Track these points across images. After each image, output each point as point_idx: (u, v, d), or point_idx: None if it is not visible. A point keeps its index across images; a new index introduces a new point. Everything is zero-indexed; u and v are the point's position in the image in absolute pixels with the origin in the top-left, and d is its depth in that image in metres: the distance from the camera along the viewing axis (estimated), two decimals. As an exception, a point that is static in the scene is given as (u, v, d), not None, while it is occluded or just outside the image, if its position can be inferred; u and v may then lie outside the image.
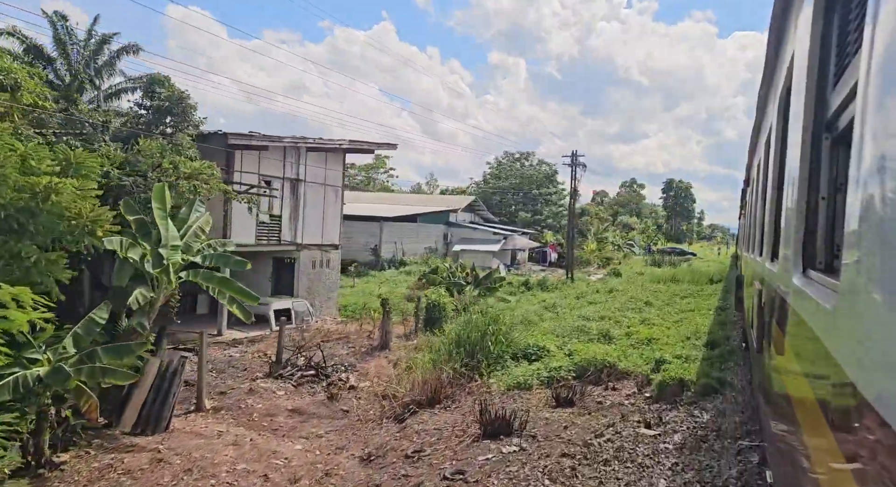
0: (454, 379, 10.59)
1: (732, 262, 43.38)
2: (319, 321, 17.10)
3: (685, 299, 23.74)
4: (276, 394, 9.93)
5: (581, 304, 22.73)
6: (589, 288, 29.42)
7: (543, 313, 21.53)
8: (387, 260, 33.20)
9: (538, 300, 25.95)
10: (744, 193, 14.08)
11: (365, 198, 44.09)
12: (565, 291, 28.85)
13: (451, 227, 42.16)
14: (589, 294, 27.48)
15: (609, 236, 55.18)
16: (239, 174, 14.72)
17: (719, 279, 33.11)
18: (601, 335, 13.82)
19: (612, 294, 26.95)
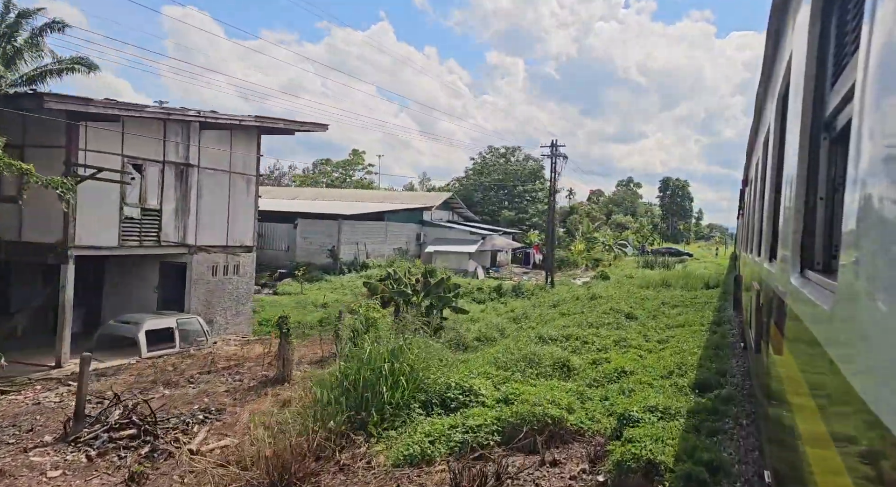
0: (326, 443, 7.26)
1: (731, 264, 40.35)
2: (221, 342, 13.83)
3: (675, 309, 20.46)
4: (47, 477, 6.56)
5: (553, 316, 19.43)
6: (569, 295, 26.13)
7: (507, 327, 18.23)
8: (347, 263, 29.87)
9: (507, 309, 22.63)
10: (742, 193, 13.84)
11: (328, 196, 40.77)
12: (541, 298, 25.55)
13: (425, 227, 38.85)
14: (567, 301, 24.20)
15: (599, 236, 51.93)
16: (86, 154, 11.31)
17: (716, 284, 29.83)
18: (558, 366, 10.51)
19: (593, 302, 23.66)
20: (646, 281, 30.86)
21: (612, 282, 32.93)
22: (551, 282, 30.25)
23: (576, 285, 33.38)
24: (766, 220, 4.41)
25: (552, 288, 29.41)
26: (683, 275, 33.04)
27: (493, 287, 27.05)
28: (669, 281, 29.26)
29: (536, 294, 27.16)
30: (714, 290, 27.30)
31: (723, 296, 24.11)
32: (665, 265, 44.53)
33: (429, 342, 10.12)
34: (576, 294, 27.10)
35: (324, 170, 57.57)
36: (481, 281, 30.95)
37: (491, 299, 25.61)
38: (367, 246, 32.31)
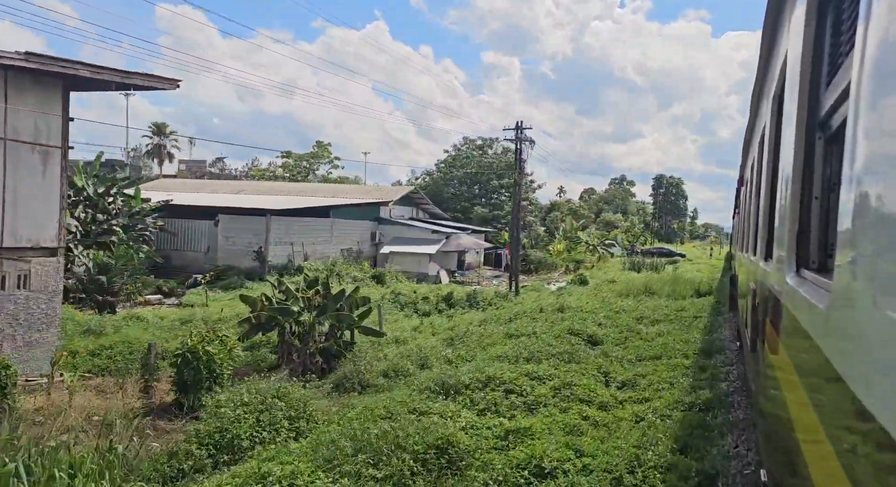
0: None
1: (727, 265, 36.38)
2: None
3: (655, 327, 16.24)
4: None
5: (497, 338, 15.11)
6: (534, 305, 21.82)
7: (436, 353, 13.90)
8: (278, 267, 25.48)
9: (450, 326, 18.30)
10: (738, 193, 13.78)
11: (263, 189, 36.32)
12: (499, 311, 21.23)
13: (382, 225, 34.49)
14: (528, 315, 19.91)
15: (582, 235, 47.67)
16: None
17: (708, 290, 25.61)
18: (435, 453, 6.18)
19: (558, 316, 19.38)
20: (628, 287, 26.60)
21: (590, 288, 28.65)
22: (516, 289, 25.92)
23: (548, 291, 29.11)
24: (761, 219, 4.41)
25: (516, 297, 25.09)
26: (671, 280, 28.79)
27: (442, 295, 22.70)
28: (654, 288, 25.02)
29: (495, 304, 22.84)
30: (706, 299, 23.09)
31: (716, 308, 19.83)
32: (654, 267, 40.30)
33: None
34: (542, 304, 22.79)
35: (286, 164, 53.11)
36: (437, 288, 26.62)
37: (438, 311, 21.29)
38: (307, 247, 27.90)
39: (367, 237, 33.44)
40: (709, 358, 11.54)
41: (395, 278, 28.18)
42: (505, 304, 22.91)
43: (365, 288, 25.10)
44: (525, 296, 26.27)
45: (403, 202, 37.51)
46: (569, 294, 27.23)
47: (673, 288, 25.74)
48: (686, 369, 10.67)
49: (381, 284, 26.68)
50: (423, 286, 27.53)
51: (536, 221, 47.85)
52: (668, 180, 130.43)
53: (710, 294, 24.70)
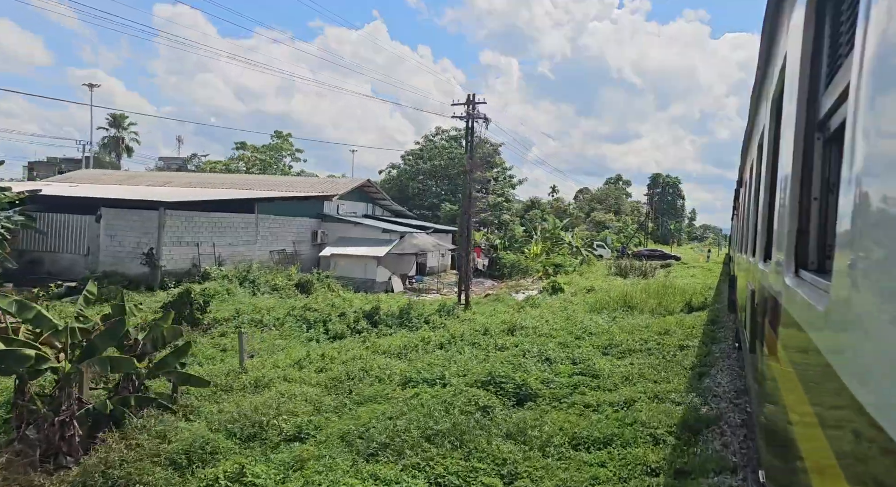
0: None
1: (725, 269, 31.95)
2: None
3: (623, 362, 11.78)
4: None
5: (392, 387, 10.40)
6: (480, 325, 17.16)
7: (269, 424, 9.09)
8: (179, 273, 20.76)
9: (348, 358, 13.57)
10: (737, 194, 13.73)
11: (194, 181, 31.51)
12: (433, 334, 16.52)
13: (326, 222, 29.77)
14: (465, 340, 15.30)
15: (565, 236, 42.97)
16: None
17: (702, 304, 20.96)
18: None
19: (502, 341, 14.77)
20: (605, 298, 21.95)
21: (560, 300, 23.99)
22: (465, 302, 21.20)
23: (510, 302, 24.45)
24: (760, 221, 4.44)
25: (465, 311, 20.37)
26: (659, 289, 24.16)
27: (365, 311, 17.96)
28: (635, 300, 20.34)
29: (434, 322, 18.12)
30: (700, 315, 18.49)
31: (711, 331, 15.17)
32: (642, 272, 35.66)
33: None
34: (493, 321, 18.14)
35: (242, 156, 48.24)
36: (374, 300, 21.94)
37: (356, 332, 16.58)
38: (221, 249, 23.17)
39: (306, 236, 28.71)
40: (693, 443, 6.87)
41: (329, 287, 23.46)
42: (447, 322, 18.21)
43: (277, 299, 20.44)
44: (480, 309, 21.59)
45: (356, 197, 32.76)
46: (532, 307, 22.60)
47: (659, 300, 21.11)
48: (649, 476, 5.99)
49: (306, 294, 21.99)
50: (359, 296, 22.82)
51: (514, 220, 43.19)
52: (665, 179, 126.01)
53: (705, 308, 20.10)
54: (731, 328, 14.11)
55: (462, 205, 21.32)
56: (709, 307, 20.20)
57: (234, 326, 15.93)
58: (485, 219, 39.34)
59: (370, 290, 27.57)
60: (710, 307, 20.25)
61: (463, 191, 42.92)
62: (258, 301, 19.61)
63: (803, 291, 1.98)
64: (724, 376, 10.07)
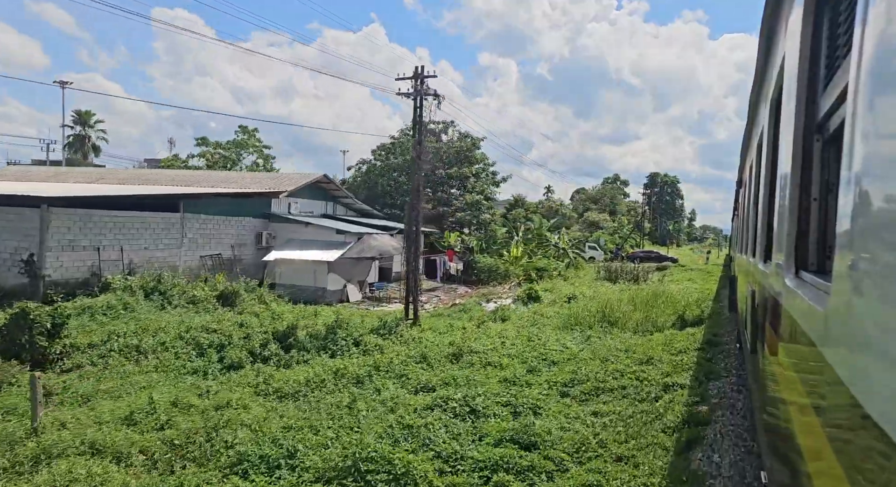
0: None
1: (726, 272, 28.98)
2: None
3: (586, 410, 8.44)
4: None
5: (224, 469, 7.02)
6: (418, 351, 13.77)
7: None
8: (73, 283, 17.35)
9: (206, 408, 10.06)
10: (737, 194, 13.78)
11: (112, 177, 28.03)
12: (362, 361, 13.13)
13: (274, 222, 26.34)
14: (393, 371, 11.96)
15: (551, 237, 39.52)
16: None
17: (697, 318, 17.55)
18: None
19: (439, 372, 11.49)
20: (583, 311, 18.54)
21: (530, 312, 20.59)
22: (414, 316, 17.75)
23: (476, 313, 21.05)
24: (760, 222, 4.44)
25: (413, 327, 16.93)
26: (648, 298, 20.76)
27: (278, 332, 14.51)
28: (616, 314, 16.91)
29: (367, 343, 14.69)
30: (694, 332, 15.11)
31: (707, 365, 11.73)
32: (634, 277, 32.24)
33: None
34: (441, 343, 14.77)
35: (203, 153, 44.65)
36: (312, 313, 18.53)
37: (261, 360, 13.16)
38: (134, 254, 19.73)
39: (249, 239, 25.28)
40: None
41: (260, 298, 20.02)
42: (384, 344, 14.79)
43: (190, 314, 16.97)
44: (434, 324, 18.16)
45: (314, 194, 29.31)
46: (499, 320, 19.21)
47: (647, 312, 17.70)
48: None
49: (230, 307, 18.56)
50: (298, 309, 19.39)
51: (495, 220, 39.66)
52: (663, 178, 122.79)
53: (701, 323, 16.70)
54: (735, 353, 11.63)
55: (410, 200, 17.91)
56: (706, 321, 16.78)
57: (99, 355, 12.51)
58: (462, 218, 35.83)
59: (321, 300, 24.17)
60: (708, 321, 16.83)
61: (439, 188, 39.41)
62: (163, 318, 16.17)
63: (803, 292, 1.99)
64: (729, 452, 6.61)
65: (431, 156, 37.79)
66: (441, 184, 37.50)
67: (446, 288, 30.37)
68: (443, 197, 36.84)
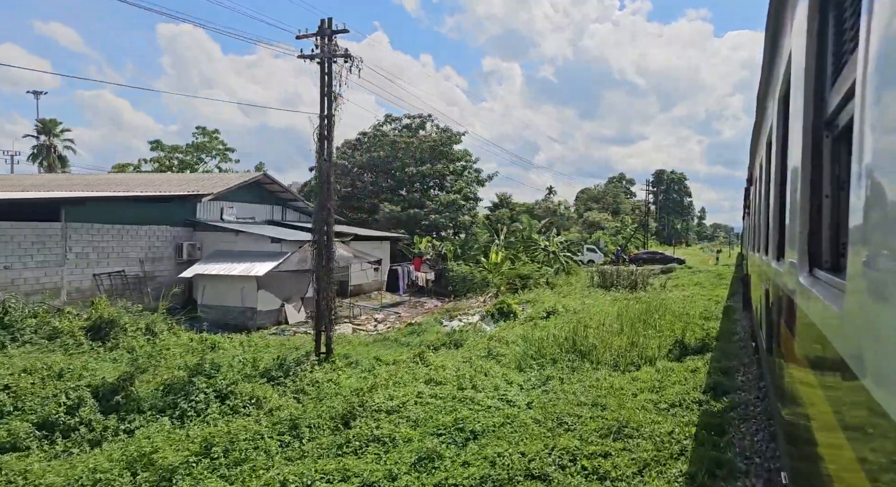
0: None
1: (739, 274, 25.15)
2: None
3: None
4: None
5: None
6: (294, 413, 9.60)
7: None
8: None
9: None
10: (747, 192, 13.54)
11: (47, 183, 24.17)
12: (205, 432, 8.99)
13: (199, 231, 22.33)
14: (231, 456, 7.74)
15: (541, 239, 35.23)
16: None
17: (701, 343, 13.25)
18: None
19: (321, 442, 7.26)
20: (558, 335, 14.30)
21: (495, 334, 16.34)
22: (326, 351, 13.52)
23: (429, 337, 16.90)
24: (772, 219, 4.39)
25: (322, 364, 12.73)
26: (641, 313, 16.49)
27: (112, 385, 10.38)
28: (589, 344, 12.63)
29: (242, 394, 10.54)
30: (697, 367, 10.85)
31: (713, 438, 7.44)
32: (632, 283, 27.90)
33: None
34: (343, 392, 10.64)
35: (158, 159, 40.70)
36: (210, 347, 14.48)
37: (68, 431, 9.03)
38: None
39: (167, 252, 21.26)
40: None
41: (147, 328, 15.90)
42: (265, 396, 10.66)
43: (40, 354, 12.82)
44: (363, 356, 13.98)
45: (256, 197, 25.25)
46: (450, 346, 15.08)
47: (634, 336, 13.42)
48: None
49: (102, 342, 14.50)
50: (200, 340, 15.30)
51: (476, 222, 35.35)
52: (670, 176, 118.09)
53: (706, 351, 12.42)
54: None
55: (318, 195, 13.79)
56: (713, 347, 12.46)
57: None
58: (436, 221, 31.64)
59: (250, 324, 20.13)
60: (717, 346, 12.53)
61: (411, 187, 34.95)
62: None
63: (818, 290, 1.97)
64: None
65: (402, 153, 33.66)
66: (412, 181, 33.30)
67: (412, 303, 26.19)
68: (415, 197, 32.63)
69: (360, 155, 33.30)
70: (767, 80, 4.62)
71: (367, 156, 32.64)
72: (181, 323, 19.16)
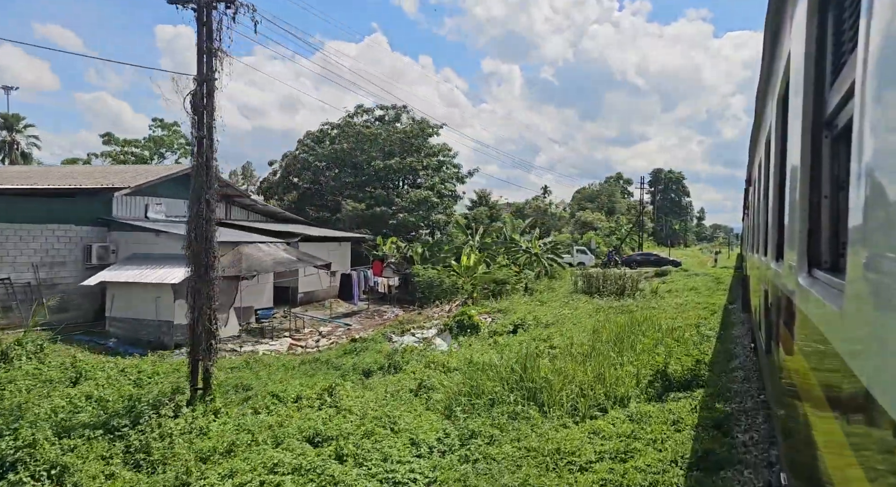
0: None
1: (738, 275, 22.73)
2: None
3: None
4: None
5: None
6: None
7: None
8: None
9: None
10: (746, 193, 13.50)
11: None
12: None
13: (115, 231, 19.31)
14: None
15: (522, 240, 32.21)
16: None
17: (691, 372, 10.19)
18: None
19: None
20: (511, 356, 11.30)
21: (445, 354, 13.34)
22: (204, 384, 10.44)
23: (370, 357, 13.94)
24: (771, 220, 4.34)
25: (190, 407, 9.67)
26: (621, 330, 13.50)
27: None
28: (539, 380, 9.62)
29: (41, 461, 7.50)
30: (681, 405, 7.88)
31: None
32: (619, 289, 24.91)
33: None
34: (205, 447, 7.68)
35: (111, 153, 37.56)
36: (105, 373, 11.51)
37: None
38: None
39: (72, 255, 18.26)
40: None
41: (27, 352, 12.90)
42: (83, 466, 7.63)
43: None
44: (262, 385, 10.96)
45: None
46: (387, 371, 12.18)
47: (603, 365, 10.41)
48: None
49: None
50: (69, 366, 12.30)
51: (451, 221, 32.29)
52: (668, 175, 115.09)
53: (697, 384, 9.41)
54: None
55: (192, 183, 10.81)
56: (706, 380, 9.43)
57: None
58: (405, 220, 28.59)
59: (167, 340, 17.13)
60: (709, 384, 9.46)
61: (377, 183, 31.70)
62: None
63: (817, 291, 1.97)
64: None
65: (369, 145, 30.59)
66: (379, 177, 30.21)
67: (370, 312, 23.15)
68: (382, 194, 29.55)
69: (323, 147, 30.23)
70: (767, 79, 4.59)
71: (330, 148, 29.55)
72: (85, 342, 16.22)
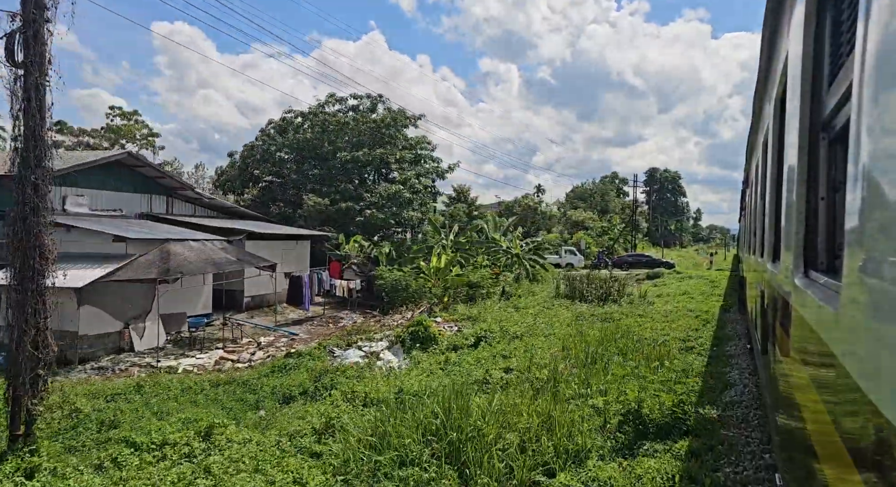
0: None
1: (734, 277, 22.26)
2: None
3: None
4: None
5: None
6: None
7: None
8: None
9: None
10: (743, 194, 13.56)
11: None
12: None
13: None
14: None
15: (502, 241, 29.85)
16: None
17: (672, 412, 7.95)
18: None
19: None
20: (461, 376, 8.99)
21: (406, 364, 11.01)
22: (25, 428, 8.01)
23: (300, 376, 11.64)
24: (767, 221, 4.35)
25: (11, 454, 7.27)
26: (596, 349, 11.20)
27: None
28: (468, 427, 7.32)
29: None
30: (660, 466, 5.69)
31: None
32: (605, 294, 22.59)
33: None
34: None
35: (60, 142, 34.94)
36: None
37: None
38: None
39: (-31, 254, 15.89)
40: None
41: None
42: None
43: None
44: (136, 419, 8.58)
45: (125, 184, 19.82)
46: (288, 406, 9.78)
47: (555, 402, 8.03)
48: None
49: None
50: None
51: (426, 219, 29.85)
52: (663, 175, 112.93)
53: (682, 431, 7.19)
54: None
55: (15, 160, 8.44)
56: (691, 430, 7.09)
57: None
58: (373, 217, 26.19)
59: (70, 354, 14.75)
60: (697, 432, 7.08)
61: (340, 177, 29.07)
62: None
63: (813, 292, 1.96)
64: None
65: (335, 135, 28.15)
66: (346, 171, 27.80)
67: (325, 319, 20.74)
68: (349, 189, 27.15)
69: (284, 137, 27.80)
70: (764, 81, 4.65)
71: (293, 137, 27.12)
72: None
